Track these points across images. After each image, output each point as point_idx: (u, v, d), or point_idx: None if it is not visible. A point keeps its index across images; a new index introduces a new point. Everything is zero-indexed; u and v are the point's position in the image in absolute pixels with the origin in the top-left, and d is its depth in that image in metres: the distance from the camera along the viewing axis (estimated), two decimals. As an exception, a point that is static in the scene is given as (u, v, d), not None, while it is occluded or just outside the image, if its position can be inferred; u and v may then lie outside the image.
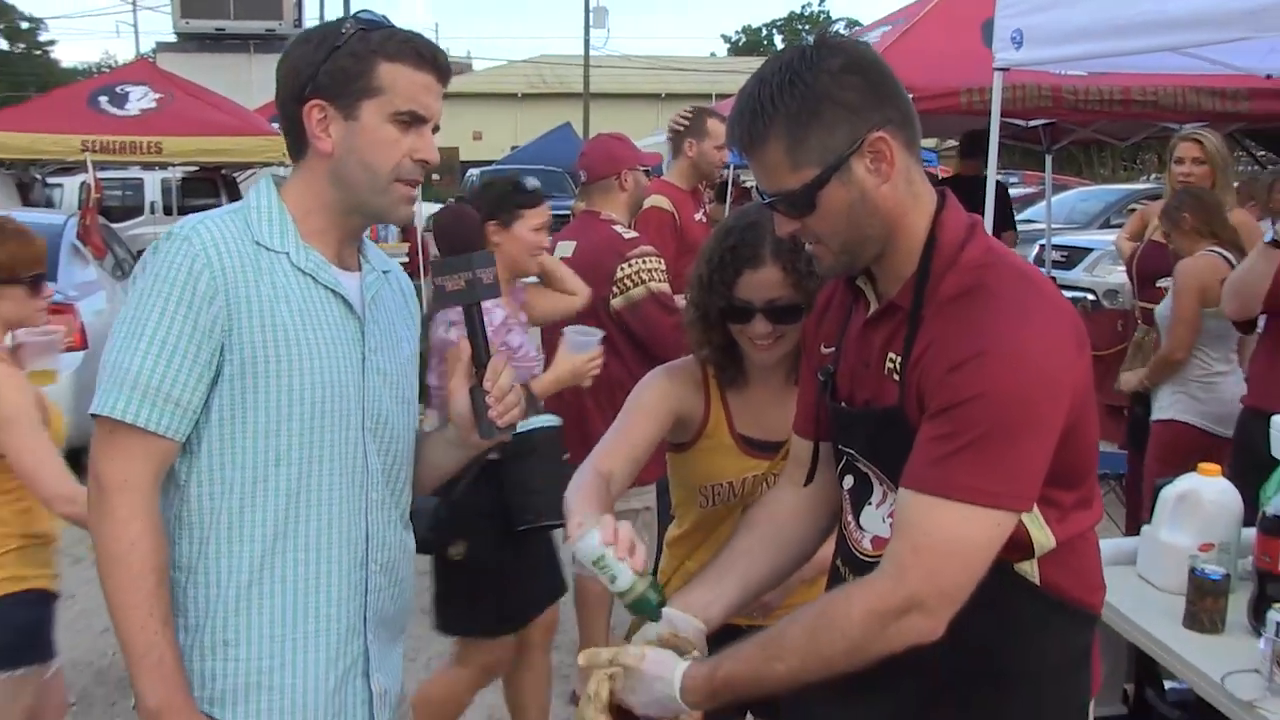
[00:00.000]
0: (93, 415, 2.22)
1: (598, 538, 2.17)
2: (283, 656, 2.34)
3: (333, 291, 2.38)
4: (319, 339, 2.33)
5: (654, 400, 2.89)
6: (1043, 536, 2.08)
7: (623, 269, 4.89)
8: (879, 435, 2.17)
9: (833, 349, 2.32)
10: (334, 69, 2.28)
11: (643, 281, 4.87)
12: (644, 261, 4.89)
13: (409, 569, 2.60)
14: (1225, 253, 5.57)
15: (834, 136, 2.01)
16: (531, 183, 4.70)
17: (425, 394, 3.94)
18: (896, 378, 2.10)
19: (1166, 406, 5.72)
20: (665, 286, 4.90)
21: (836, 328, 2.33)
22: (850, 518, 2.31)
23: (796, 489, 2.49)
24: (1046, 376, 1.96)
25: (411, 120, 2.31)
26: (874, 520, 2.24)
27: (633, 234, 5.11)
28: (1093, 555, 2.24)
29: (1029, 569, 2.11)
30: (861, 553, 2.26)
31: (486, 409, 2.37)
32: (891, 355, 2.12)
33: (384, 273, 2.56)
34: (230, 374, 2.25)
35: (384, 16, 2.36)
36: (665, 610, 2.30)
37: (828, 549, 2.50)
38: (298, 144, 2.37)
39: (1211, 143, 6.34)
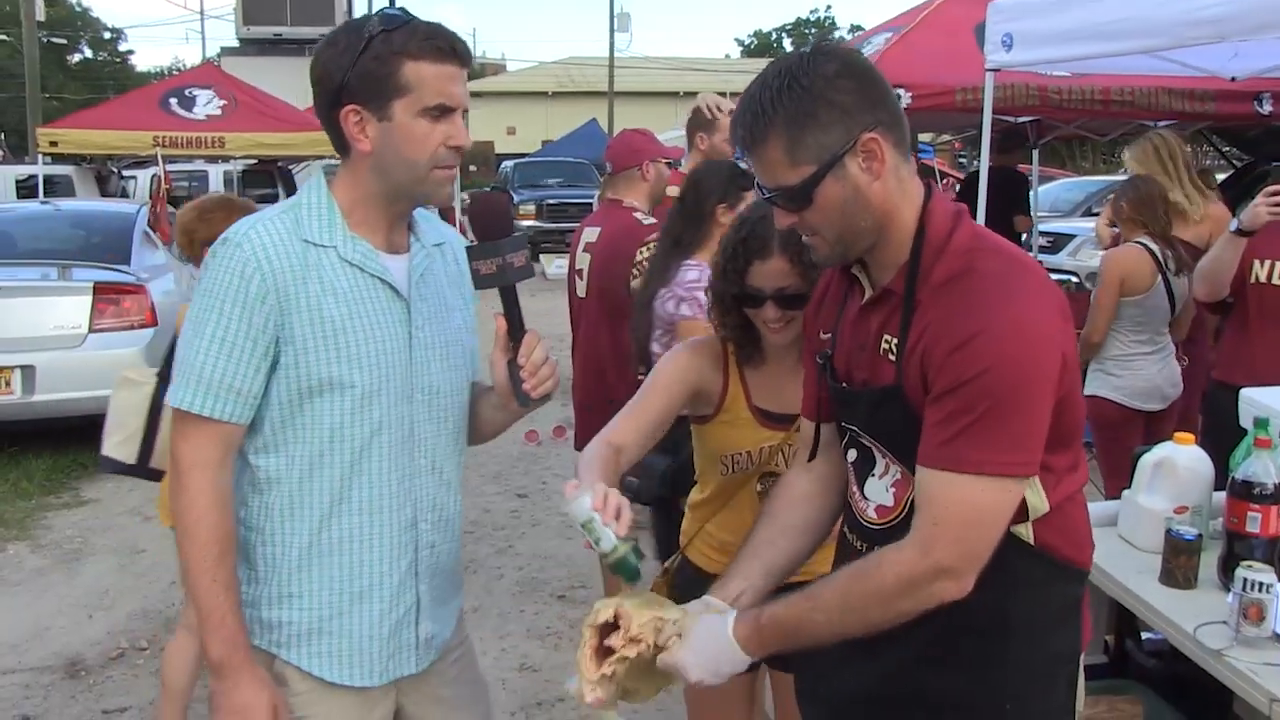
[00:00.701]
0: (168, 405, 2.32)
1: (589, 502, 2.17)
2: (341, 606, 2.41)
3: (379, 279, 2.39)
4: (366, 325, 2.35)
5: (673, 375, 2.87)
6: (1037, 500, 2.08)
7: (641, 253, 4.88)
8: (877, 411, 2.16)
9: (830, 334, 2.31)
10: (362, 73, 2.27)
11: None
12: None
13: (458, 526, 2.63)
14: (1151, 244, 5.57)
15: (829, 136, 2.01)
16: (745, 164, 4.68)
17: (646, 358, 3.96)
18: (892, 358, 2.09)
19: (1089, 383, 5.73)
20: None
21: (833, 314, 2.32)
22: (855, 488, 2.30)
23: (808, 473, 2.47)
24: (1039, 349, 1.95)
25: (441, 112, 2.30)
26: (878, 490, 2.23)
27: (651, 220, 5.10)
28: (1081, 517, 2.23)
29: (1024, 531, 2.10)
30: (867, 521, 2.25)
31: (521, 381, 2.38)
32: (887, 337, 2.12)
33: (436, 246, 2.56)
34: (286, 363, 2.30)
35: (403, 11, 2.33)
36: (706, 599, 2.29)
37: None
38: (340, 144, 2.37)
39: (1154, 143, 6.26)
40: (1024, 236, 10.05)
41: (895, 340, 2.09)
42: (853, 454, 2.29)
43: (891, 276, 2.12)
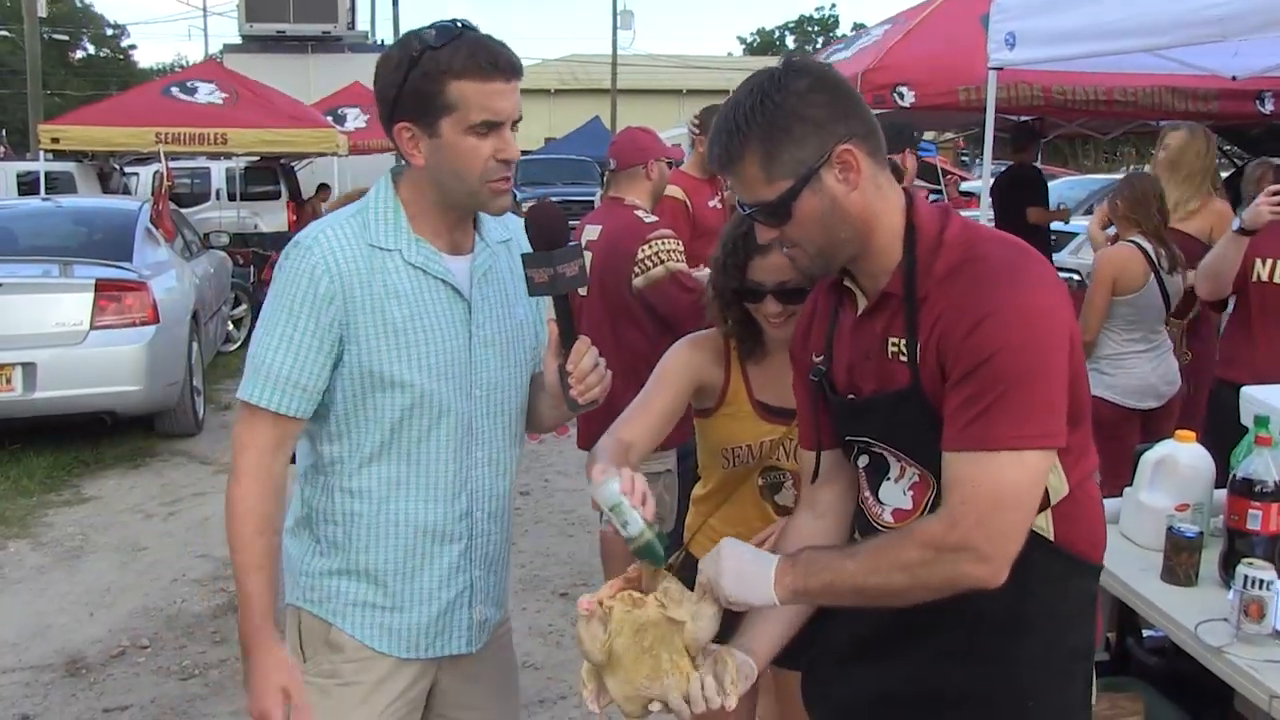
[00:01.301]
0: (238, 399, 2.46)
1: (617, 485, 2.18)
2: (395, 585, 2.55)
3: (442, 280, 2.47)
4: (427, 326, 2.45)
5: (675, 370, 2.89)
6: (1057, 481, 2.09)
7: (643, 250, 4.89)
8: (894, 417, 2.15)
9: (822, 355, 2.31)
10: (411, 92, 2.32)
11: (661, 261, 4.86)
12: (662, 243, 4.88)
13: (510, 514, 2.73)
14: (1144, 243, 5.56)
15: (804, 150, 2.02)
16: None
17: None
18: (903, 359, 2.09)
19: None
20: (683, 265, 4.90)
21: (823, 334, 2.32)
22: (868, 493, 2.29)
23: (812, 511, 2.44)
24: (1051, 323, 1.98)
25: (488, 128, 2.34)
26: (894, 494, 2.22)
27: (653, 218, 5.10)
28: (1097, 510, 2.24)
29: (1044, 525, 2.10)
30: (883, 525, 2.24)
31: (569, 387, 2.43)
32: (893, 340, 2.12)
33: (502, 242, 2.65)
34: (350, 362, 2.42)
35: (456, 23, 2.36)
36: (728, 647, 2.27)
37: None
38: (401, 155, 2.44)
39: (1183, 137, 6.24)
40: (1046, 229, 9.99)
41: (903, 341, 2.09)
42: (864, 460, 2.29)
43: (887, 280, 2.12)
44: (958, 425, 1.98)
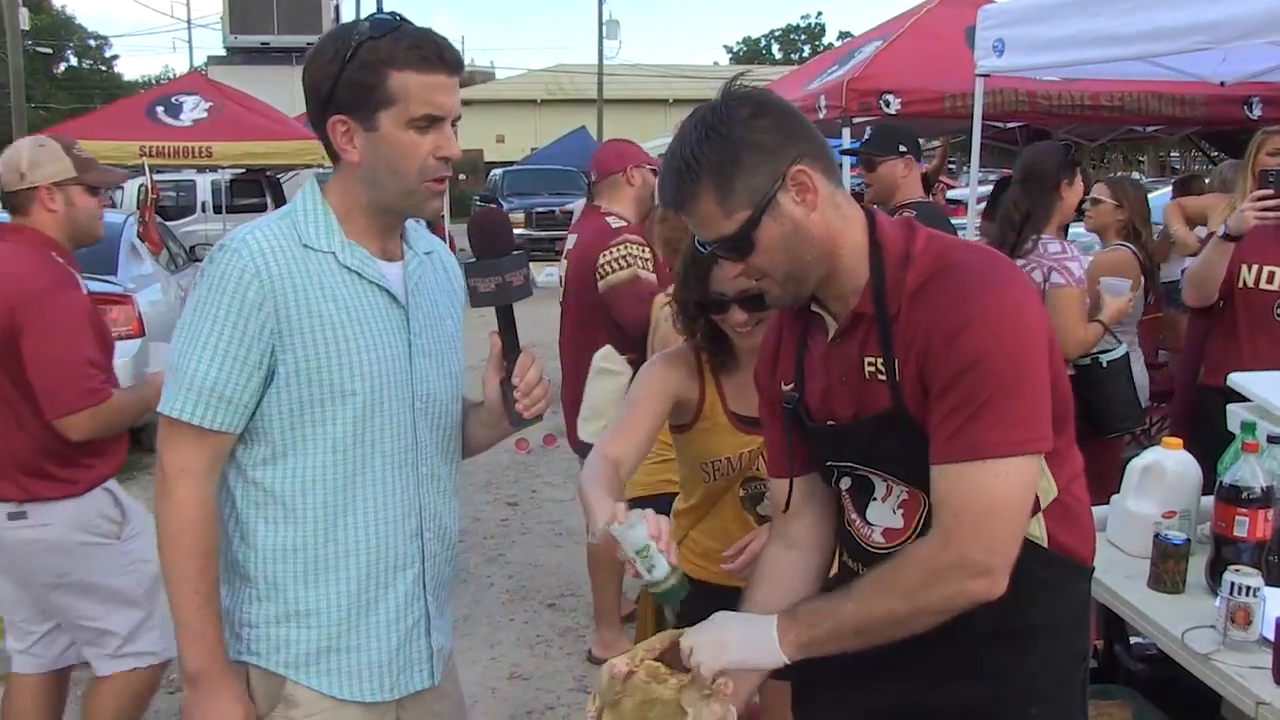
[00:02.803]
0: (158, 412, 2.28)
1: (644, 529, 2.15)
2: (349, 623, 2.38)
3: (378, 285, 2.36)
4: (366, 332, 2.32)
5: (651, 388, 2.88)
6: (1047, 484, 2.09)
7: (604, 255, 4.94)
8: (877, 440, 2.14)
9: (792, 383, 2.28)
10: (348, 83, 2.21)
11: (626, 265, 4.89)
12: (627, 248, 4.91)
13: (455, 535, 2.62)
14: (1135, 248, 5.60)
15: (757, 177, 2.00)
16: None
17: None
18: (882, 378, 2.08)
19: None
20: (643, 272, 4.92)
21: (792, 362, 2.29)
22: (854, 515, 2.27)
23: (785, 545, 2.41)
24: (1029, 327, 1.98)
25: (429, 122, 2.24)
26: (883, 514, 2.21)
27: (621, 223, 5.13)
28: (1086, 512, 2.24)
29: (1038, 532, 2.11)
30: (874, 546, 2.22)
31: (514, 401, 2.38)
32: (869, 359, 2.10)
33: (427, 254, 2.52)
34: (285, 372, 2.27)
35: (394, 15, 2.27)
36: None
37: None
38: (331, 153, 2.33)
39: None
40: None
41: (880, 359, 2.08)
42: (846, 482, 2.27)
43: (856, 300, 2.10)
44: (944, 437, 1.98)
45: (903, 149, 5.20)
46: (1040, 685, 2.18)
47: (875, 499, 2.22)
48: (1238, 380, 3.52)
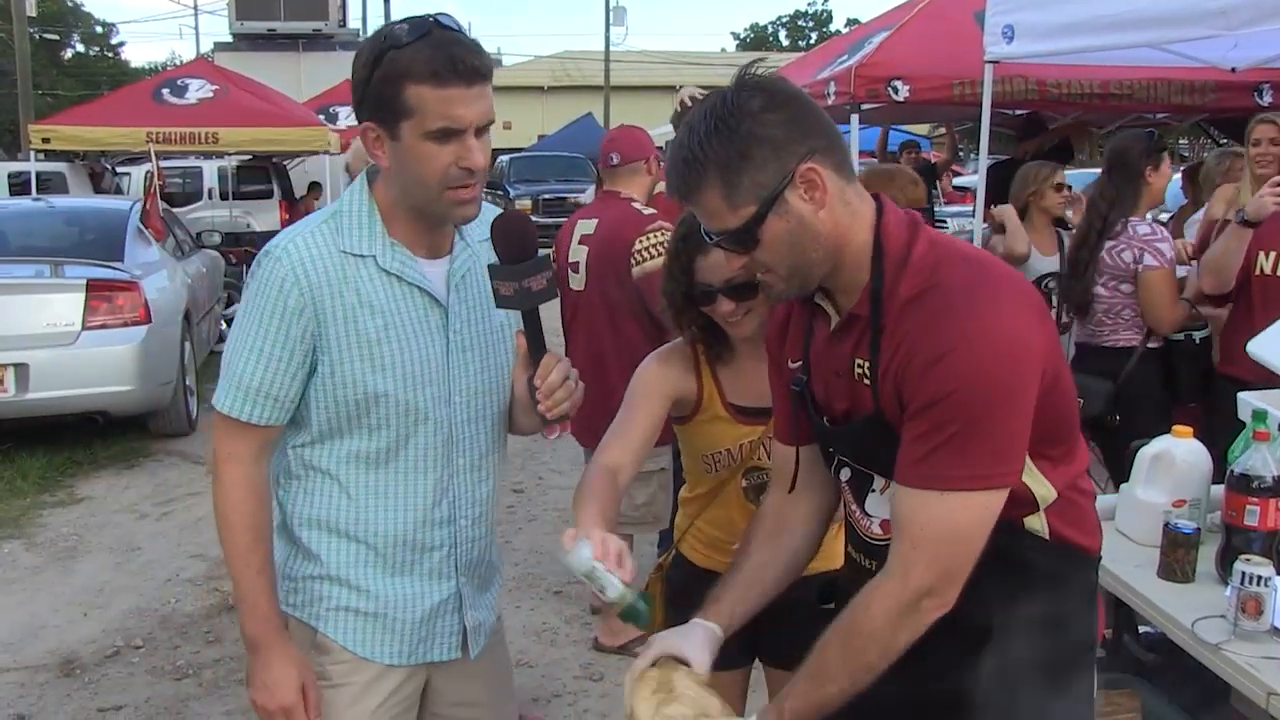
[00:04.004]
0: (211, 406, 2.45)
1: (588, 551, 2.15)
2: (378, 593, 2.53)
3: (418, 288, 2.42)
4: (402, 336, 2.41)
5: (648, 388, 2.88)
6: (1043, 489, 2.07)
7: (640, 241, 4.93)
8: (865, 443, 2.14)
9: (800, 362, 2.28)
10: (374, 93, 2.24)
11: (661, 253, 4.88)
12: (661, 235, 4.90)
13: (493, 517, 2.70)
14: None
15: (765, 173, 1.96)
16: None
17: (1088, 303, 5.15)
18: (868, 382, 2.07)
19: None
20: None
21: (800, 342, 2.28)
22: (854, 507, 2.27)
23: (787, 496, 2.42)
24: (1013, 355, 1.92)
25: (446, 135, 2.23)
26: (881, 505, 2.20)
27: (651, 210, 5.13)
28: (1089, 503, 2.23)
29: (1039, 525, 2.09)
30: (872, 538, 2.23)
31: (537, 402, 2.40)
32: (859, 361, 2.08)
33: (484, 240, 2.50)
34: (323, 372, 2.39)
35: (428, 19, 2.24)
36: (681, 629, 2.29)
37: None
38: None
39: None
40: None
41: (867, 364, 2.06)
42: (846, 473, 2.27)
43: (855, 300, 2.08)
44: (911, 459, 1.97)
45: None
46: (1048, 674, 2.17)
47: (874, 490, 2.22)
48: (1256, 347, 3.49)
